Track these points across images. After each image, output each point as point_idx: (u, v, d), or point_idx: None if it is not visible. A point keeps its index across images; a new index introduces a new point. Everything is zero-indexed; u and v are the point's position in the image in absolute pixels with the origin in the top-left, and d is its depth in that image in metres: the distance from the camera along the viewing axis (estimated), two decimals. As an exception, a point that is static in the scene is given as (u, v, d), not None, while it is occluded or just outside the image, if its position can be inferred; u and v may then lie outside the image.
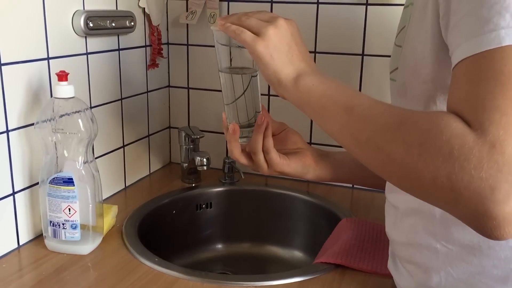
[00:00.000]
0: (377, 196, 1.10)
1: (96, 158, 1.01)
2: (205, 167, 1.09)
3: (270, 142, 0.71)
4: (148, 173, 1.24)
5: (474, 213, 0.43)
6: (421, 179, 0.46)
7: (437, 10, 0.54)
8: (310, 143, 1.17)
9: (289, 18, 0.65)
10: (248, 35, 0.63)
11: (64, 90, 0.80)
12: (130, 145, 1.14)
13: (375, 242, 0.87)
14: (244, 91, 0.70)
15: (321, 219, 1.08)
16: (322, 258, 0.83)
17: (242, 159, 0.73)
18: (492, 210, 0.42)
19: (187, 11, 1.21)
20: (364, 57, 1.11)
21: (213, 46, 1.22)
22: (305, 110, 0.62)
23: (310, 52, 1.14)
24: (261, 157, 0.72)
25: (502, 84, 0.44)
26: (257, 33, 0.63)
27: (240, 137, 0.71)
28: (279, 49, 0.62)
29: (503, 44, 0.44)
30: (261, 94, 0.86)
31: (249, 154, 0.74)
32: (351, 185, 1.16)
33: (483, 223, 0.43)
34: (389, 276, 0.76)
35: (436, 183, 0.44)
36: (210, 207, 1.15)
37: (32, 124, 0.84)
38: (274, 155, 0.72)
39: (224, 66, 0.70)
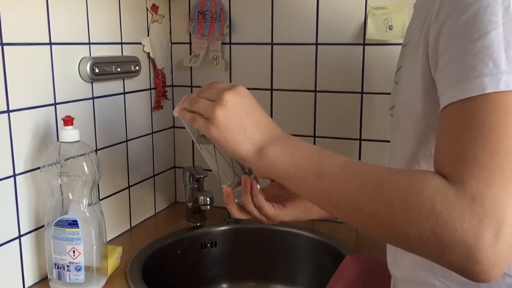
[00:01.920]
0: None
1: (101, 199, 1.03)
2: (208, 207, 1.10)
3: (259, 199, 0.70)
4: (154, 213, 1.25)
5: (460, 261, 0.44)
6: (405, 234, 0.47)
7: (427, 50, 0.56)
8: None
9: (236, 86, 0.62)
10: (200, 123, 0.62)
11: (70, 134, 0.82)
12: (136, 185, 1.16)
13: (379, 280, 0.87)
14: (222, 155, 0.71)
15: (326, 256, 1.07)
16: (325, 297, 0.83)
17: (242, 216, 0.72)
18: (478, 257, 0.43)
19: (190, 54, 1.25)
20: (364, 95, 1.13)
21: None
22: (276, 179, 0.61)
23: (311, 91, 1.17)
24: (256, 213, 0.71)
25: (483, 137, 0.45)
26: (207, 117, 0.61)
27: (235, 197, 0.72)
28: (230, 128, 0.60)
29: (486, 91, 0.46)
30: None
31: None
32: (355, 222, 1.17)
33: (470, 269, 0.44)
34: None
35: (421, 238, 0.46)
36: (215, 246, 1.15)
37: (38, 168, 0.86)
38: (268, 209, 0.70)
39: (196, 137, 0.71)
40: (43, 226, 0.87)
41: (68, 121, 0.82)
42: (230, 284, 1.16)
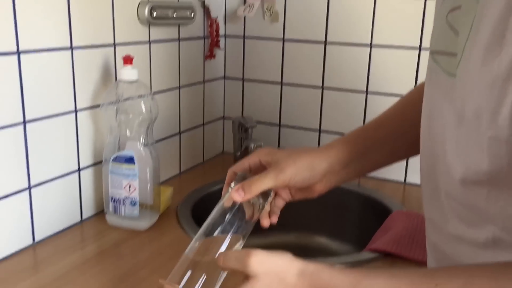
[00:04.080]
0: (429, 191, 1.10)
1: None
2: (258, 155, 1.11)
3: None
4: (202, 161, 1.27)
5: None
6: None
7: None
8: (319, 130, 1.20)
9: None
10: None
11: (129, 73, 0.84)
12: (186, 132, 1.18)
13: (427, 234, 0.86)
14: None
15: (372, 211, 1.07)
16: (371, 246, 0.83)
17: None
18: None
19: (244, 4, 1.24)
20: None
21: (270, 39, 1.23)
22: None
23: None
24: None
25: None
26: None
27: None
28: None
29: None
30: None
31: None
32: (403, 180, 1.16)
33: None
34: (440, 267, 0.76)
35: None
36: (261, 196, 1.17)
37: (98, 106, 0.89)
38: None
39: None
40: (100, 162, 0.90)
41: (128, 60, 0.84)
42: (272, 233, 1.18)
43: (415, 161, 1.13)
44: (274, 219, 0.70)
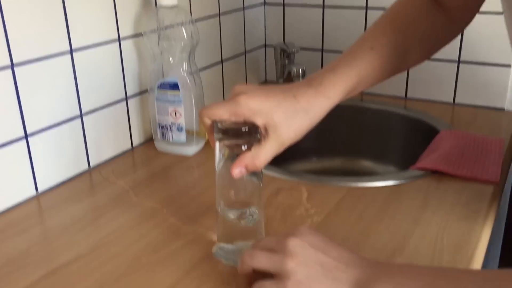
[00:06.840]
0: (479, 112, 1.06)
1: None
2: (300, 78, 1.10)
3: None
4: (245, 90, 1.27)
5: None
6: None
7: None
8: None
9: (295, 231, 0.52)
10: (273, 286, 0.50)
11: (168, -2, 0.84)
12: (228, 61, 1.18)
13: (476, 152, 0.85)
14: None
15: (419, 133, 1.06)
16: (418, 164, 0.83)
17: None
18: None
19: None
20: None
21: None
22: None
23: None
24: None
25: None
26: (278, 275, 0.50)
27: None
28: (313, 276, 0.48)
29: None
30: None
31: None
32: (452, 101, 1.13)
33: None
34: (489, 182, 0.75)
35: None
36: (305, 122, 1.17)
37: (140, 34, 0.89)
38: None
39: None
40: (145, 91, 0.92)
41: (166, -16, 0.83)
42: (319, 159, 1.19)
43: (464, 81, 1.09)
44: None
